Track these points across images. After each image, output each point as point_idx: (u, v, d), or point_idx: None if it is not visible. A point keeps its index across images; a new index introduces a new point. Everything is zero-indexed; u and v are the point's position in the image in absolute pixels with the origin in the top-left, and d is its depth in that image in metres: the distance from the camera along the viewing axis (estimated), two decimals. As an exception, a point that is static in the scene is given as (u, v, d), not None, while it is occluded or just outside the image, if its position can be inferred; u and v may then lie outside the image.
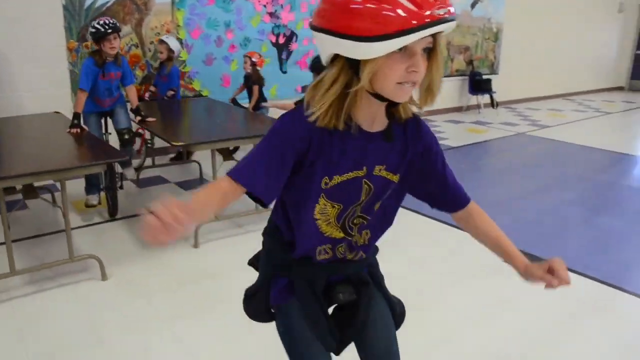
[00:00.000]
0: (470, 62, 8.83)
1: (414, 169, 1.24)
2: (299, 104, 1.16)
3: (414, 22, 0.93)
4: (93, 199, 4.01)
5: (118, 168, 4.20)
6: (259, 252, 1.41)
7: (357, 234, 1.27)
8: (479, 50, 9.00)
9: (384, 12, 0.94)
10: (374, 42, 0.96)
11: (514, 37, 9.37)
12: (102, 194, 4.06)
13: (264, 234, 1.37)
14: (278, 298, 1.30)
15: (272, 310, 1.34)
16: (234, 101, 5.63)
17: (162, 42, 5.00)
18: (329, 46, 1.04)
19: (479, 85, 8.73)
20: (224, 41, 5.98)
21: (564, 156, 6.29)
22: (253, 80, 5.47)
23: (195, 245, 3.43)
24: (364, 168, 1.17)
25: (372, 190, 1.21)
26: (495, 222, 1.30)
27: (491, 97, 8.84)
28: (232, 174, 1.09)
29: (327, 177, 1.15)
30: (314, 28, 1.06)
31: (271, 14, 6.33)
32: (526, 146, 6.77)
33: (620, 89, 12.71)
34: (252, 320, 1.40)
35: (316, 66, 4.34)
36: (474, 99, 8.99)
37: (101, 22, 3.67)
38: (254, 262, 1.43)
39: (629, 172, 5.87)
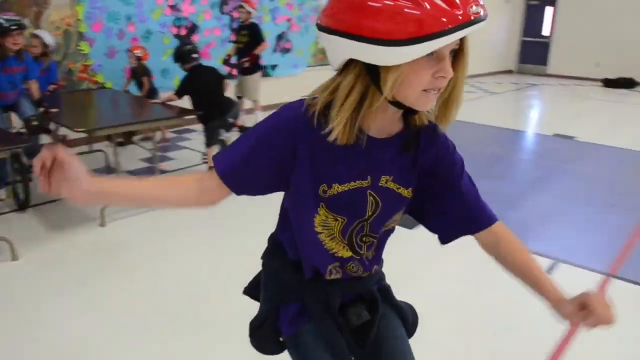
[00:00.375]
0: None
1: (426, 182, 1.12)
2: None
3: (448, 23, 0.83)
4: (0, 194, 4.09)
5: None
6: (256, 279, 1.31)
7: (366, 251, 1.16)
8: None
9: (415, 12, 0.83)
10: (402, 46, 0.84)
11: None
12: (10, 187, 4.12)
13: (264, 257, 1.27)
14: (290, 327, 1.20)
15: (282, 339, 1.25)
16: (127, 92, 5.75)
17: (35, 36, 4.77)
18: (344, 50, 0.92)
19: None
20: (126, 34, 6.09)
21: (453, 132, 6.81)
22: (140, 73, 5.66)
23: (102, 224, 3.68)
24: (368, 178, 1.06)
25: (380, 205, 1.09)
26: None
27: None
28: (220, 173, 1.03)
29: (325, 185, 1.04)
30: (324, 29, 0.93)
31: (172, 7, 6.50)
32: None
33: (510, 72, 14.03)
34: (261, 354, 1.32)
35: (180, 56, 4.65)
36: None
37: (5, 17, 3.79)
38: (250, 291, 1.33)
39: (513, 144, 6.62)
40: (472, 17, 0.84)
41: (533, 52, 13.70)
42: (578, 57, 12.83)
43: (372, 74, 0.92)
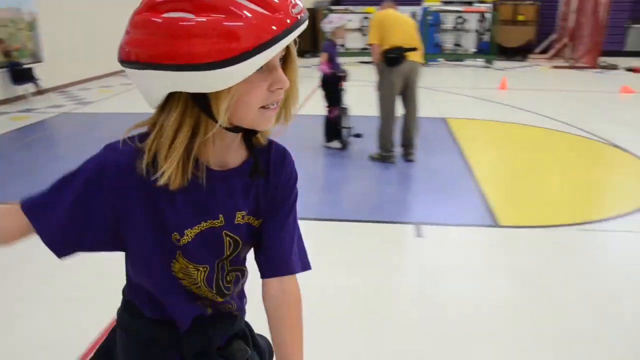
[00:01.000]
0: (7, 54, 8.33)
1: (269, 204, 1.01)
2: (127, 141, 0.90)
3: (276, 30, 0.76)
4: None
5: None
6: (105, 347, 1.11)
7: (234, 288, 1.05)
8: (15, 40, 8.61)
9: (235, 24, 0.74)
10: (228, 67, 0.74)
11: (52, 24, 9.28)
12: None
13: (121, 314, 1.07)
14: None
15: None
16: None
17: None
18: (162, 85, 0.81)
19: (20, 75, 8.45)
20: None
21: (94, 125, 7.08)
22: None
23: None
24: (220, 217, 0.95)
25: (240, 243, 0.99)
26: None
27: (36, 85, 8.67)
28: (25, 205, 0.88)
29: (176, 233, 0.92)
30: (130, 64, 0.81)
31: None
32: (66, 123, 7.37)
33: None
34: None
35: None
36: (20, 89, 8.59)
37: None
38: None
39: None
40: (298, 17, 0.79)
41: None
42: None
43: (201, 103, 0.81)
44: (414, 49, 4.86)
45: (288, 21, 0.77)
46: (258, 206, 0.99)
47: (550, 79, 11.95)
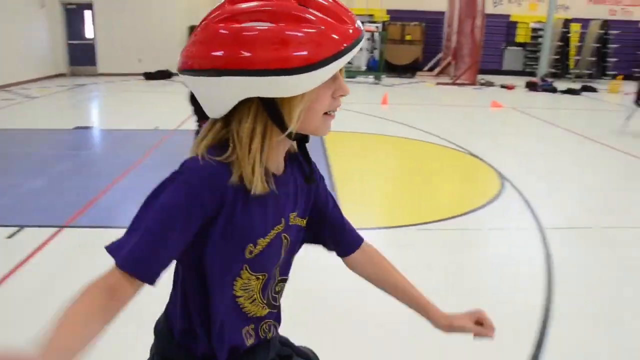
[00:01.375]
0: None
1: (315, 209, 1.08)
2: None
3: (351, 39, 0.82)
4: None
5: None
6: None
7: (280, 300, 1.08)
8: None
9: (317, 33, 0.80)
10: (312, 71, 0.80)
11: None
12: None
13: (159, 342, 1.04)
14: None
15: None
16: None
17: None
18: (237, 91, 0.83)
19: None
20: None
21: None
22: None
23: None
24: (282, 220, 0.99)
25: (289, 244, 1.03)
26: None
27: None
28: (123, 264, 0.82)
29: (251, 245, 0.93)
30: (203, 72, 0.84)
31: None
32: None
33: (62, 75, 14.12)
34: None
35: None
36: None
37: None
38: None
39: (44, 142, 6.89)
40: (360, 32, 0.85)
41: (82, 54, 14.47)
42: (122, 55, 14.18)
43: (271, 110, 0.85)
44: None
45: (357, 33, 0.84)
46: (303, 206, 1.04)
47: (433, 94, 12.84)
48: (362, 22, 0.96)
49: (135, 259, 0.82)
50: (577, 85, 14.30)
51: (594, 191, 5.31)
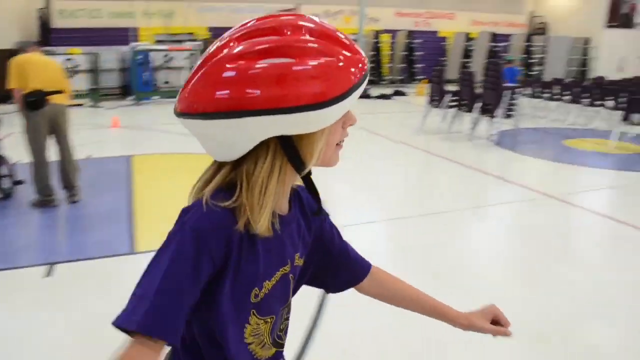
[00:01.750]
0: None
1: (316, 245, 1.05)
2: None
3: (361, 70, 0.81)
4: None
5: None
6: None
7: (284, 338, 1.05)
8: None
9: (337, 66, 0.78)
10: (342, 101, 0.78)
11: None
12: None
13: None
14: None
15: None
16: None
17: None
18: (260, 132, 0.79)
19: None
20: None
21: None
22: None
23: None
24: (288, 262, 0.96)
25: (293, 284, 1.01)
26: None
27: None
28: (143, 328, 0.74)
29: (257, 289, 0.90)
30: (217, 115, 0.78)
31: None
32: None
33: None
34: None
35: None
36: None
37: None
38: None
39: None
40: (367, 61, 0.84)
41: None
42: None
43: (289, 149, 0.82)
44: (58, 92, 4.87)
45: (367, 66, 0.82)
46: (305, 245, 1.01)
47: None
48: (181, 41, 0.99)
49: (155, 319, 0.77)
50: (389, 91, 15.60)
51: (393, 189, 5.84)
